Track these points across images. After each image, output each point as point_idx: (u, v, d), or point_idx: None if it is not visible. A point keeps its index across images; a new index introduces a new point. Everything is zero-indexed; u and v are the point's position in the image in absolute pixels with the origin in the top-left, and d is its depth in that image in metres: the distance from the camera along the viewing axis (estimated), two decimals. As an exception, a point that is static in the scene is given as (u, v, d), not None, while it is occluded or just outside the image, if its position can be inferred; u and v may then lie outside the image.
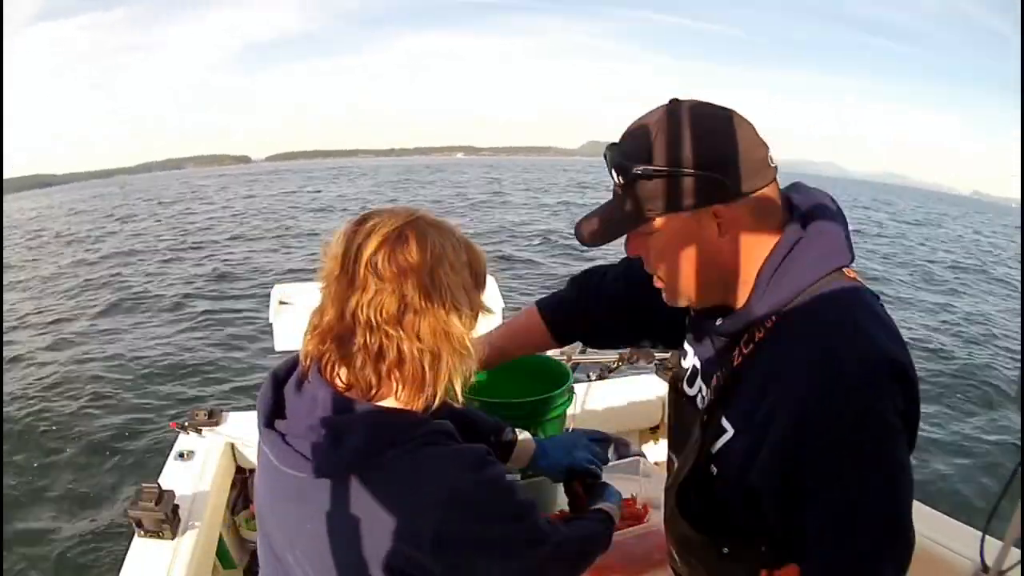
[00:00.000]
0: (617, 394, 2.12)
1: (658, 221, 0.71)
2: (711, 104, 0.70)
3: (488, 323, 0.83)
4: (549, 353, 2.31)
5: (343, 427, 0.68)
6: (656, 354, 2.12)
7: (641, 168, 0.68)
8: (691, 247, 0.71)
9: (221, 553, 1.62)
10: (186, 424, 1.73)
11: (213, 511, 1.50)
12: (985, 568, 1.12)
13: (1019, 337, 6.46)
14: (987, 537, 1.15)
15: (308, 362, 0.73)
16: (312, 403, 0.70)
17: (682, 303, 0.78)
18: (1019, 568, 1.06)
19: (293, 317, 1.83)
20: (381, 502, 0.66)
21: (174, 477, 1.55)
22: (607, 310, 1.09)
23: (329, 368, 0.72)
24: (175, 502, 1.37)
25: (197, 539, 1.36)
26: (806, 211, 0.74)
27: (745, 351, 0.74)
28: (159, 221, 16.81)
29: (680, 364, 0.91)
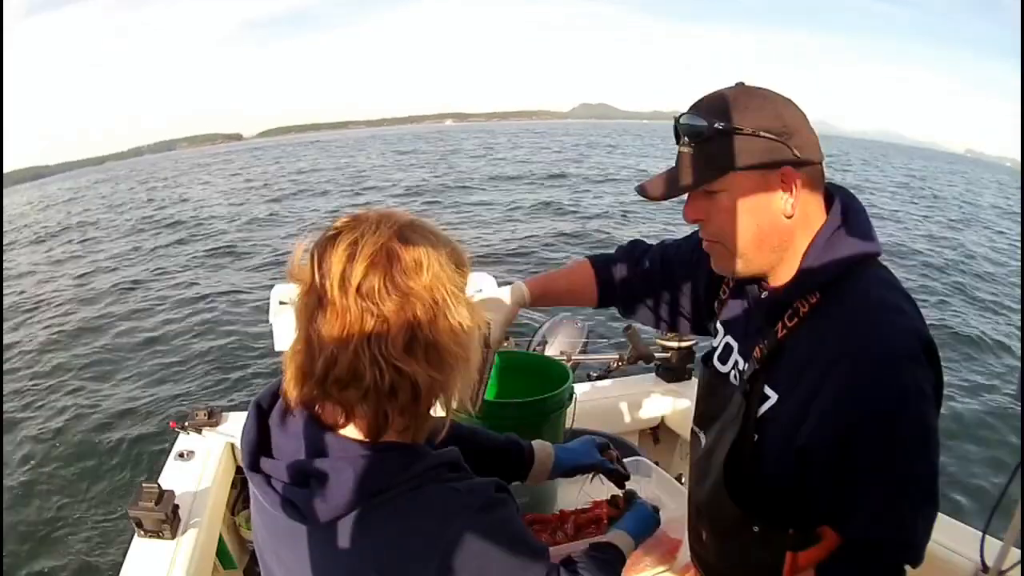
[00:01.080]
0: (617, 394, 2.12)
1: (729, 178, 0.75)
2: (771, 91, 0.77)
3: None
4: (548, 353, 2.32)
5: (331, 471, 0.61)
6: (656, 354, 2.12)
7: (723, 124, 0.73)
8: (758, 205, 0.76)
9: (221, 553, 1.62)
10: (186, 424, 1.73)
11: (213, 511, 1.50)
12: (985, 568, 1.12)
13: (1019, 336, 6.46)
14: (987, 537, 1.15)
15: (299, 407, 0.65)
16: (297, 441, 0.64)
17: (732, 266, 0.81)
18: (1019, 568, 1.06)
19: (293, 317, 1.82)
20: (377, 549, 0.61)
21: (174, 477, 1.55)
22: (643, 282, 1.12)
23: (319, 403, 0.64)
24: (175, 502, 1.37)
25: (197, 539, 1.36)
26: (842, 198, 0.80)
27: (789, 324, 0.78)
28: (155, 210, 16.71)
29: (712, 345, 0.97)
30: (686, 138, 0.77)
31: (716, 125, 0.74)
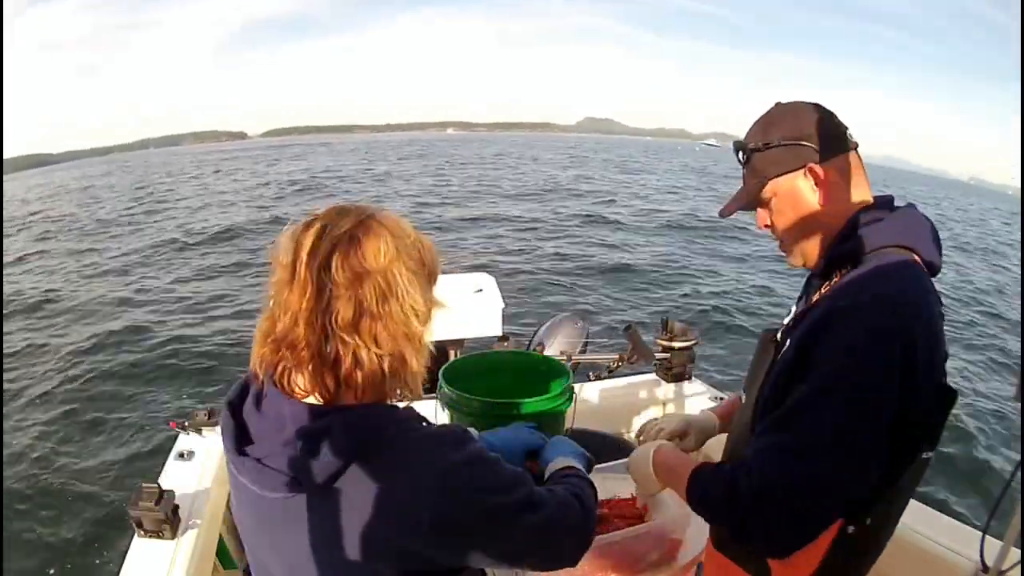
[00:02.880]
0: (617, 394, 2.12)
1: (770, 186, 0.89)
2: (801, 101, 0.90)
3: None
4: (548, 353, 2.32)
5: (319, 434, 0.66)
6: (656, 354, 2.12)
7: (753, 144, 0.89)
8: (798, 201, 0.87)
9: (221, 553, 1.62)
10: (186, 424, 1.73)
11: (213, 511, 1.50)
12: (985, 568, 1.12)
13: (1019, 336, 6.46)
14: (987, 537, 1.15)
15: (262, 370, 0.71)
16: (279, 419, 0.69)
17: (795, 260, 0.93)
18: (1019, 568, 1.06)
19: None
20: (373, 499, 0.65)
21: (174, 477, 1.55)
22: None
23: (285, 378, 0.70)
24: (175, 502, 1.37)
25: (197, 539, 1.36)
26: (893, 201, 0.88)
27: (823, 291, 0.87)
28: (157, 208, 16.73)
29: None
30: (740, 159, 0.93)
31: (749, 146, 0.90)
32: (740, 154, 0.93)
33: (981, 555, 1.14)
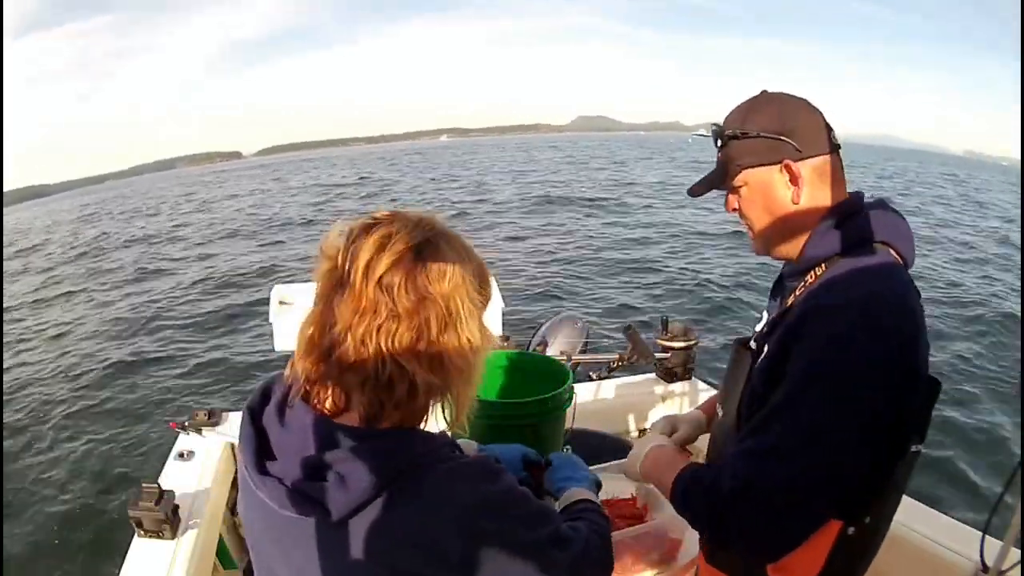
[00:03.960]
0: (617, 394, 2.12)
1: (744, 175, 0.87)
2: (789, 94, 0.88)
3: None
4: (549, 353, 2.32)
5: (353, 459, 0.62)
6: (656, 354, 2.12)
7: (731, 131, 0.87)
8: (770, 195, 0.87)
9: (221, 553, 1.62)
10: (186, 424, 1.73)
11: (213, 511, 1.50)
12: (985, 568, 1.12)
13: (1019, 334, 6.46)
14: (987, 537, 1.15)
15: (300, 381, 0.65)
16: (302, 434, 0.64)
17: (765, 250, 0.92)
18: (1019, 568, 1.06)
19: (293, 317, 1.83)
20: (401, 528, 0.62)
21: (174, 477, 1.55)
22: None
23: (317, 391, 0.65)
24: (175, 502, 1.37)
25: (197, 539, 1.36)
26: (862, 198, 0.87)
27: (798, 293, 0.86)
28: (156, 219, 16.78)
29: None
30: (716, 144, 0.91)
31: (727, 132, 0.88)
32: (714, 139, 0.91)
33: (981, 555, 1.14)
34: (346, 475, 0.61)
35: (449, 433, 0.72)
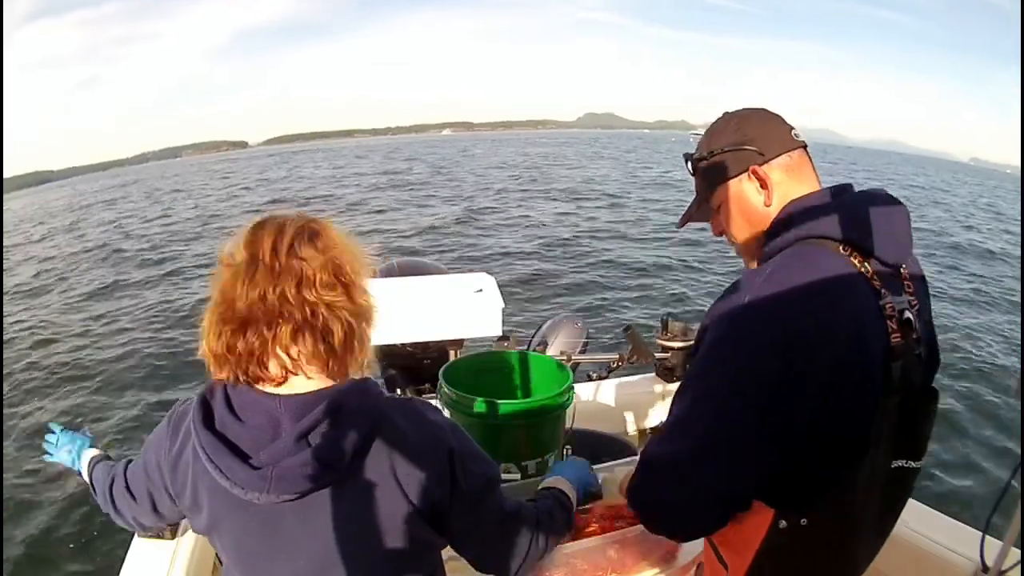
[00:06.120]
0: (617, 394, 2.12)
1: (718, 193, 0.89)
2: (746, 107, 0.90)
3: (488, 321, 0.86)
4: (549, 353, 2.32)
5: (334, 419, 0.66)
6: (656, 354, 2.12)
7: (697, 154, 0.91)
8: (744, 206, 0.87)
9: (221, 553, 1.61)
10: (186, 424, 1.72)
11: (213, 511, 1.50)
12: (985, 568, 1.12)
13: (1019, 334, 6.46)
14: (987, 537, 1.15)
15: (226, 369, 0.68)
16: (270, 419, 0.67)
17: (747, 263, 0.92)
18: (1019, 568, 1.06)
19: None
20: (389, 465, 0.69)
21: (174, 477, 1.55)
22: None
23: (257, 370, 0.67)
24: (175, 502, 1.37)
25: (197, 539, 1.35)
26: (828, 191, 0.84)
27: None
28: (159, 214, 16.76)
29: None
30: (690, 172, 0.93)
31: (695, 157, 0.91)
32: (689, 165, 0.93)
33: (981, 555, 1.14)
34: (337, 435, 0.66)
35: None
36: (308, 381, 0.69)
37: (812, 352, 0.71)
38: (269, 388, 0.68)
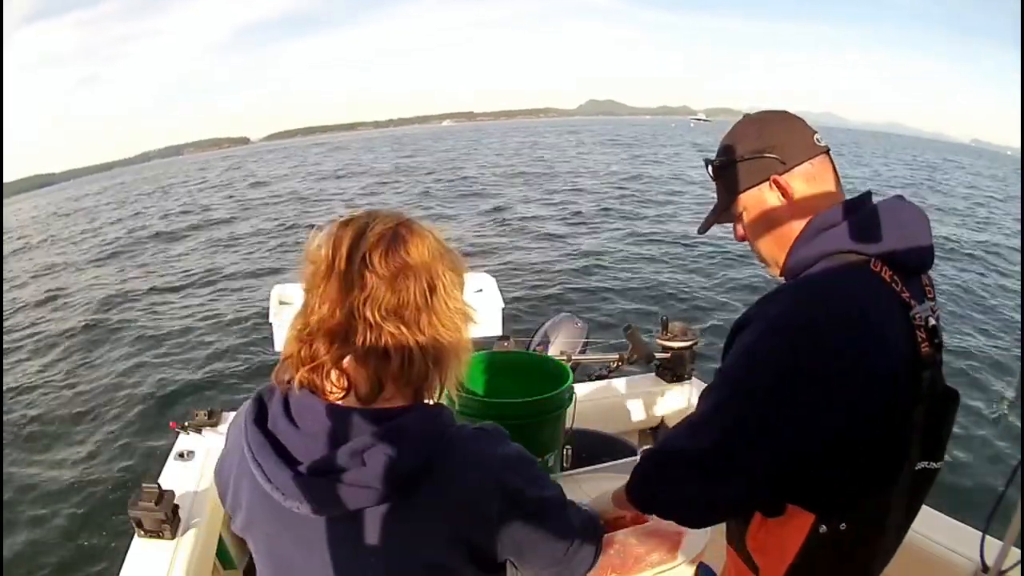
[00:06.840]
0: (617, 394, 2.12)
1: (740, 201, 0.88)
2: (768, 110, 0.90)
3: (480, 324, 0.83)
4: (549, 353, 2.32)
5: (395, 439, 0.63)
6: (656, 354, 2.12)
7: (717, 161, 0.90)
8: (766, 214, 0.87)
9: (221, 553, 1.61)
10: (186, 424, 1.73)
11: (213, 511, 1.50)
12: (985, 568, 1.12)
13: (1019, 333, 6.46)
14: (987, 537, 1.15)
15: (293, 372, 0.67)
16: (322, 427, 0.65)
17: (775, 270, 0.90)
18: (1019, 568, 1.06)
19: (293, 317, 1.82)
20: (446, 497, 0.65)
21: (174, 477, 1.55)
22: None
23: (319, 381, 0.66)
24: (175, 502, 1.37)
25: (197, 539, 1.36)
26: (851, 202, 0.83)
27: None
28: (155, 214, 16.75)
29: None
30: (712, 177, 0.92)
31: (715, 163, 0.90)
32: (709, 169, 0.92)
33: (981, 555, 1.14)
34: (396, 455, 0.62)
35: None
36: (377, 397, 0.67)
37: (846, 366, 0.72)
38: (333, 398, 0.66)
